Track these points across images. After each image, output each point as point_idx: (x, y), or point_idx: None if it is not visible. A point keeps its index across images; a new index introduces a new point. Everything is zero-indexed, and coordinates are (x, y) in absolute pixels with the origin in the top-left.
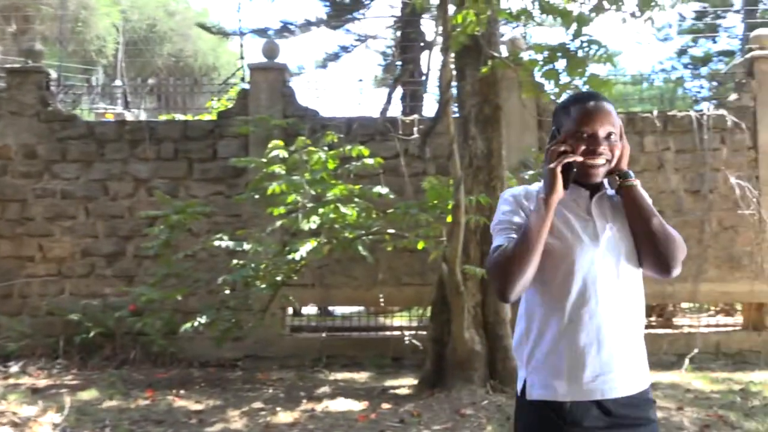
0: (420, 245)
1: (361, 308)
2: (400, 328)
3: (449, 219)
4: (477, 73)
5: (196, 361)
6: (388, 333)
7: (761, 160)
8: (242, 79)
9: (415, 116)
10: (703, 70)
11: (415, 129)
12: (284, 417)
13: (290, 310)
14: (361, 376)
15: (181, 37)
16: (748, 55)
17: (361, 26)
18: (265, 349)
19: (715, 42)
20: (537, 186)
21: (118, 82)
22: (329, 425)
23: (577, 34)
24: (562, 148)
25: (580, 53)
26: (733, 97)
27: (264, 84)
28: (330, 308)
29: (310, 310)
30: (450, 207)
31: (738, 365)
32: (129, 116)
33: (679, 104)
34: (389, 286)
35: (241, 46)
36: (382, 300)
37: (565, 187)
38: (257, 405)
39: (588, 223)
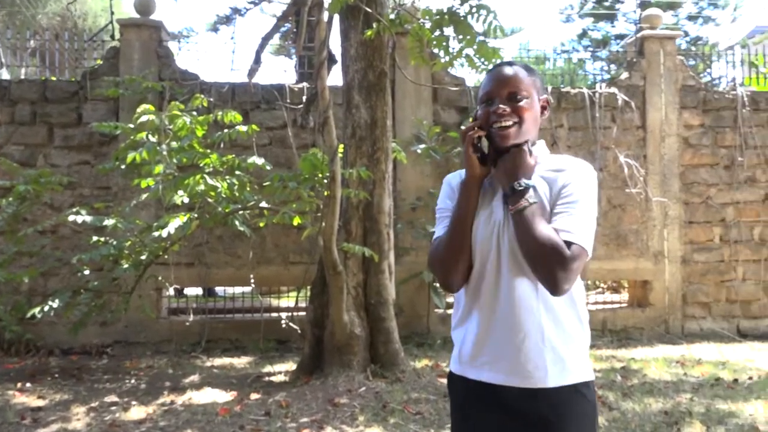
0: (295, 221)
1: (248, 288)
2: (287, 309)
3: (327, 193)
4: (362, 36)
5: (58, 348)
6: (274, 315)
7: (649, 140)
8: (112, 37)
9: (305, 84)
10: (603, 53)
11: (304, 98)
12: (136, 413)
13: (171, 291)
14: (241, 362)
15: None
16: (639, 34)
17: None
18: (138, 333)
19: (613, 26)
20: None
21: None
22: (184, 421)
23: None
24: (471, 126)
25: (469, 19)
26: (624, 75)
27: (137, 42)
28: (215, 289)
29: (193, 291)
30: (324, 180)
31: (622, 342)
32: None
33: (579, 85)
34: (276, 265)
35: None
36: (252, 280)
37: (484, 163)
38: (111, 399)
39: (491, 215)
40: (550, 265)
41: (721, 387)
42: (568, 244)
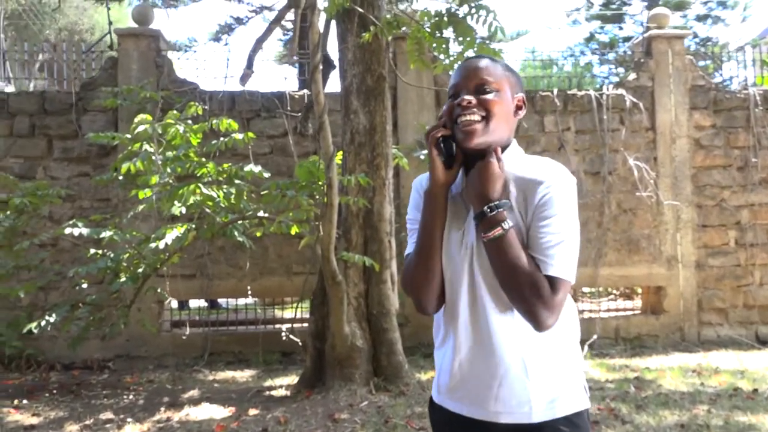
0: (293, 230)
1: (252, 300)
2: (290, 321)
3: (324, 200)
4: (358, 40)
5: (59, 363)
6: (277, 326)
7: (659, 141)
8: (110, 47)
9: (305, 91)
10: (611, 56)
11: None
12: (130, 430)
13: (174, 304)
14: (244, 375)
15: (76, 9)
16: (646, 34)
17: None
18: (140, 347)
19: (621, 28)
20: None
21: None
22: None
23: (462, 1)
24: (436, 125)
25: (468, 20)
26: (631, 76)
27: (135, 52)
28: (219, 300)
29: (197, 303)
30: (321, 187)
31: (636, 350)
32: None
33: (586, 87)
34: (279, 276)
35: (108, 8)
36: (250, 292)
37: (449, 166)
38: (107, 416)
39: (464, 236)
40: (530, 302)
41: (740, 398)
42: (551, 278)
